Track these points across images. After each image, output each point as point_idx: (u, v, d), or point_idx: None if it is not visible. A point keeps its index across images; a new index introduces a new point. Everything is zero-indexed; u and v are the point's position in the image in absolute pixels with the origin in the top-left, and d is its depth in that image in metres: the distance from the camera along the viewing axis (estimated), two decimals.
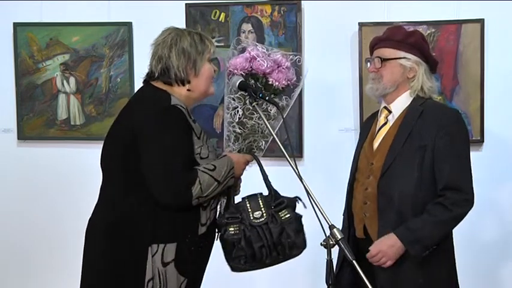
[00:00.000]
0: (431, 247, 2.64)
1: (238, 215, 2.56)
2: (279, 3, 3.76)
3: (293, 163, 2.49)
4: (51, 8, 3.95)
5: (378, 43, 2.84)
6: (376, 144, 2.80)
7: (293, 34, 3.75)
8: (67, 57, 3.97)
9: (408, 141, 2.69)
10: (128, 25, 3.90)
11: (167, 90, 2.56)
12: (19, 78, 4.00)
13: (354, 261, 2.34)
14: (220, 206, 2.64)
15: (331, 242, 2.36)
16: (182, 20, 3.80)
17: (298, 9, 3.73)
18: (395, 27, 2.93)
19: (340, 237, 2.35)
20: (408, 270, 2.66)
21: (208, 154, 2.54)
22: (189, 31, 2.64)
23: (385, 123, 2.82)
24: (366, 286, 2.33)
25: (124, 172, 2.50)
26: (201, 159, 2.51)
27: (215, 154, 2.61)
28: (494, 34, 3.58)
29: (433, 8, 3.63)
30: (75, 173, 3.99)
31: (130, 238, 2.44)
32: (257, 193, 2.64)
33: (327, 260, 2.36)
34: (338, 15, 3.74)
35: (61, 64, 3.98)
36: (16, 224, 4.07)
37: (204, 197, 2.46)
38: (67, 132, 4.00)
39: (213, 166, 2.48)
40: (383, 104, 2.85)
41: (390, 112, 2.81)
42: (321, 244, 2.39)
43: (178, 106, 2.48)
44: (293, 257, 2.59)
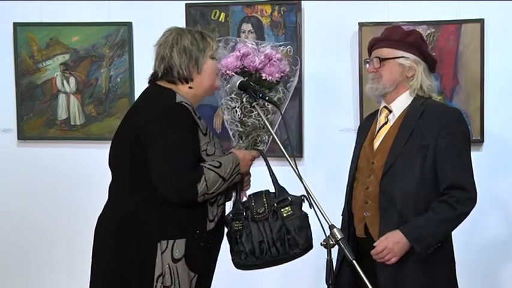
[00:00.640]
0: (435, 245, 2.64)
1: (243, 212, 2.60)
2: (279, 3, 3.76)
3: (293, 163, 2.48)
4: (51, 8, 3.96)
5: (376, 43, 2.84)
6: (376, 143, 2.80)
7: (293, 34, 3.75)
8: (67, 57, 3.97)
9: (410, 140, 2.69)
10: (128, 25, 3.90)
11: (172, 88, 2.58)
12: (19, 78, 4.01)
13: (354, 261, 2.34)
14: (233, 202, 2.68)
15: (331, 242, 2.36)
16: (182, 20, 3.80)
17: (298, 9, 3.73)
18: (393, 27, 2.93)
19: (340, 237, 2.35)
20: (409, 268, 2.66)
21: (214, 151, 2.55)
22: (190, 30, 2.66)
23: (386, 122, 2.81)
24: (366, 286, 2.33)
25: (130, 170, 2.52)
26: (208, 156, 2.52)
27: (222, 151, 2.62)
28: (494, 34, 3.58)
29: (433, 8, 3.63)
30: (75, 173, 4.00)
31: (137, 236, 2.46)
32: (263, 190, 2.66)
33: (327, 260, 2.36)
34: (338, 15, 3.74)
35: (61, 64, 3.97)
36: (16, 224, 4.07)
37: (210, 194, 2.47)
38: (67, 132, 4.00)
39: (219, 163, 2.50)
40: (383, 104, 2.85)
41: (390, 112, 2.80)
42: (321, 244, 2.39)
43: (183, 103, 2.50)
44: (294, 256, 2.58)
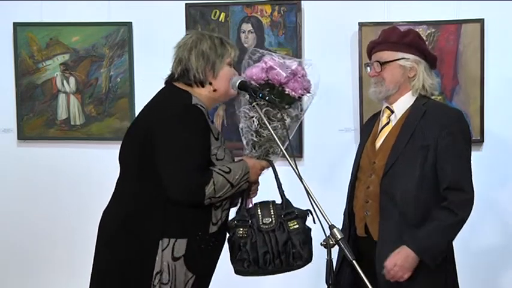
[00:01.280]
0: (443, 253, 2.65)
1: (248, 219, 2.61)
2: (279, 3, 3.76)
3: (293, 163, 2.49)
4: (51, 8, 3.95)
5: (375, 47, 2.84)
6: (378, 143, 2.81)
7: (293, 34, 3.74)
8: (67, 57, 3.97)
9: (411, 140, 2.69)
10: (128, 25, 3.90)
11: (188, 90, 2.59)
12: (19, 78, 4.00)
13: (354, 261, 2.34)
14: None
15: (331, 242, 2.36)
16: (182, 20, 3.80)
17: (298, 9, 3.73)
18: (389, 28, 2.92)
19: (340, 237, 2.35)
20: None
21: (224, 156, 2.57)
22: (211, 35, 2.67)
23: (388, 123, 2.81)
24: (366, 286, 2.33)
25: (139, 167, 2.53)
26: (217, 160, 2.54)
27: (231, 156, 2.64)
28: (494, 34, 3.58)
29: (433, 8, 3.63)
30: (75, 173, 4.00)
31: (140, 231, 2.48)
32: (270, 200, 2.67)
33: (327, 260, 2.36)
34: (338, 15, 3.74)
35: (61, 64, 3.97)
36: (16, 224, 4.07)
37: (217, 198, 2.49)
38: (67, 132, 4.00)
39: (229, 169, 2.51)
40: (385, 104, 2.85)
41: (392, 112, 2.81)
42: (321, 244, 2.39)
43: (198, 105, 2.52)
44: (296, 268, 2.62)
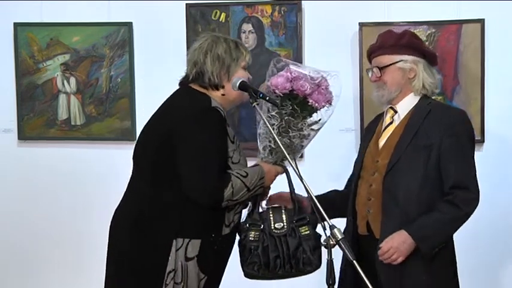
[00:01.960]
0: (440, 244, 2.67)
1: (260, 223, 2.63)
2: (279, 3, 3.76)
3: (293, 163, 2.49)
4: (51, 8, 3.95)
5: (374, 52, 2.86)
6: (381, 142, 2.82)
7: (293, 34, 3.75)
8: (67, 57, 3.97)
9: (414, 140, 2.71)
10: (128, 25, 3.90)
11: (205, 92, 2.60)
12: (19, 78, 4.01)
13: (354, 261, 2.34)
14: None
15: (331, 242, 2.35)
16: (182, 20, 3.80)
17: (298, 9, 3.73)
18: (385, 32, 2.93)
19: (340, 237, 2.35)
20: (410, 268, 2.67)
21: (239, 159, 2.59)
22: (226, 38, 2.68)
23: (391, 122, 2.83)
24: (366, 286, 2.33)
25: (155, 167, 2.54)
26: (233, 163, 2.55)
27: (245, 160, 2.65)
28: (494, 34, 3.58)
29: (434, 8, 3.63)
30: (75, 173, 4.00)
31: (153, 231, 2.49)
32: (282, 205, 2.69)
33: (327, 260, 2.36)
34: (338, 15, 3.74)
35: (61, 64, 3.97)
36: (16, 224, 4.07)
37: (234, 201, 2.51)
38: (67, 132, 4.00)
39: (246, 173, 2.53)
40: (388, 105, 2.86)
41: (396, 112, 2.82)
42: (321, 244, 2.39)
43: (218, 108, 2.53)
44: (306, 273, 2.64)
